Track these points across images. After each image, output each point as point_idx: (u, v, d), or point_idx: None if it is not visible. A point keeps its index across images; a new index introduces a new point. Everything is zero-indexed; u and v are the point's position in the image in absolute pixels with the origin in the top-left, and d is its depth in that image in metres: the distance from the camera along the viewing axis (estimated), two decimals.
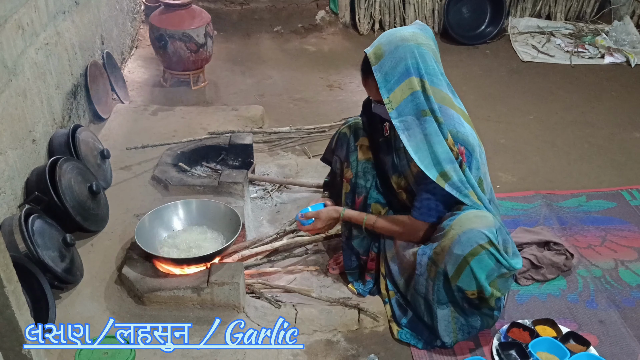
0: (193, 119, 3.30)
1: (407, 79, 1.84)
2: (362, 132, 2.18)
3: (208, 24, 3.85)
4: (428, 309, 2.03)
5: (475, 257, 1.84)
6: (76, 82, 3.04)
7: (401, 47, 1.85)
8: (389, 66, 1.85)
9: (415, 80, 1.85)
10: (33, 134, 2.46)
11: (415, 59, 1.84)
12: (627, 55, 4.42)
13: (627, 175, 3.11)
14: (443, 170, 1.86)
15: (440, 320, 2.01)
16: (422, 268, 1.99)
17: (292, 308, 2.20)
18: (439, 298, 1.97)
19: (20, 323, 1.47)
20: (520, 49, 4.58)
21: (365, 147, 2.17)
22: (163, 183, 2.66)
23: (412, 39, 1.86)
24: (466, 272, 1.87)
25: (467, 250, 1.84)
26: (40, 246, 2.04)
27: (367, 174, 2.17)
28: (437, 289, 1.96)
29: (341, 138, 2.21)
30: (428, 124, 1.85)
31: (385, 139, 2.12)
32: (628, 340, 2.12)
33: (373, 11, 4.81)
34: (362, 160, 2.17)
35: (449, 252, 1.88)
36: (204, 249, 2.22)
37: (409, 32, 1.89)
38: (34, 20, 2.53)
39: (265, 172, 3.02)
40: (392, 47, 1.85)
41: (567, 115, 3.73)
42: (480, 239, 1.84)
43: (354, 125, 2.19)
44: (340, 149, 2.22)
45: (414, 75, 1.84)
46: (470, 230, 1.84)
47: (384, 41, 1.88)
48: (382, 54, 1.86)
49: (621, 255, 2.53)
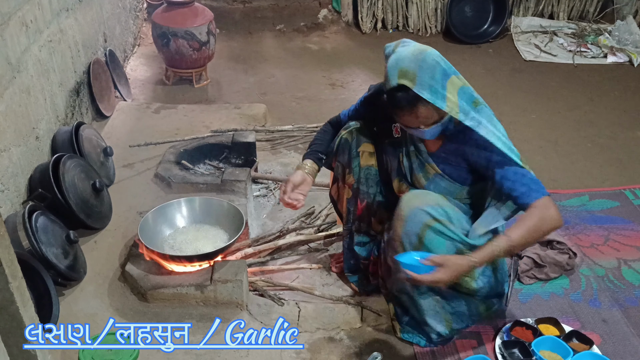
0: (196, 117, 3.30)
1: (448, 79, 1.78)
2: (364, 138, 2.13)
3: (211, 22, 3.85)
4: (413, 303, 2.02)
5: (425, 236, 1.84)
6: (79, 79, 3.04)
7: (427, 57, 1.77)
8: (428, 77, 1.75)
9: (455, 79, 1.80)
10: (36, 131, 2.47)
11: (443, 60, 1.80)
12: (630, 54, 4.41)
13: (630, 175, 3.11)
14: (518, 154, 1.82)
15: (427, 311, 2.00)
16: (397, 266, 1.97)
17: (294, 306, 2.20)
18: (417, 288, 1.97)
19: (25, 319, 1.47)
20: (522, 48, 4.58)
21: (367, 154, 2.13)
22: (166, 181, 2.66)
23: (425, 48, 1.82)
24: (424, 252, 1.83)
25: (417, 231, 1.84)
26: (44, 243, 2.05)
27: (369, 180, 2.15)
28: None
29: (342, 144, 2.14)
30: (484, 111, 1.84)
31: (394, 141, 2.06)
32: (631, 339, 2.12)
33: (376, 10, 4.81)
34: (365, 166, 2.13)
35: (401, 240, 1.88)
36: (207, 247, 2.22)
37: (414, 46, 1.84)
38: (38, 17, 2.53)
39: (268, 171, 3.02)
40: (419, 62, 1.76)
41: (569, 115, 3.72)
42: (424, 217, 1.83)
43: (355, 131, 2.13)
44: (341, 155, 2.15)
45: (451, 74, 1.80)
46: (412, 211, 1.84)
47: (404, 64, 1.77)
48: (414, 74, 1.75)
49: (624, 254, 2.53)
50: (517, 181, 1.79)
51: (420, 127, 1.83)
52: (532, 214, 1.76)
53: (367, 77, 4.17)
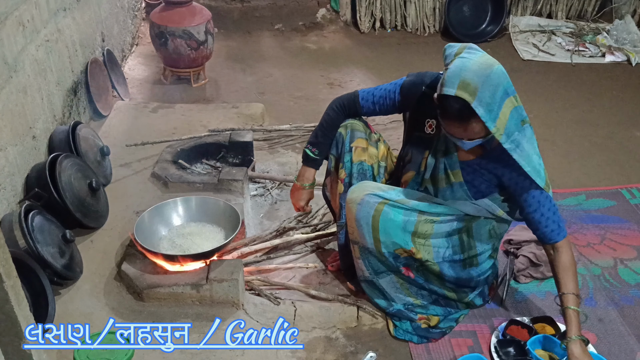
0: (193, 117, 3.30)
1: (507, 99, 1.78)
2: (358, 134, 2.14)
3: (209, 22, 3.85)
4: (373, 287, 2.12)
5: (380, 216, 1.96)
6: (76, 79, 3.04)
7: (493, 74, 1.75)
8: (489, 95, 1.73)
9: (513, 99, 1.80)
10: (33, 131, 2.47)
11: (506, 79, 1.79)
12: (628, 54, 4.42)
13: (627, 174, 3.11)
14: (544, 173, 1.88)
15: (387, 287, 2.10)
16: (353, 253, 2.09)
17: (291, 305, 2.20)
18: (374, 270, 2.07)
19: (20, 318, 1.47)
20: (521, 48, 4.58)
21: (360, 149, 2.13)
22: (163, 180, 2.67)
23: (493, 62, 1.80)
24: (382, 234, 1.97)
25: (371, 214, 1.96)
26: (40, 242, 2.05)
27: (361, 175, 2.15)
28: (367, 263, 2.06)
29: (337, 137, 2.17)
30: (527, 131, 1.84)
31: (424, 136, 2.04)
32: (627, 339, 2.12)
33: (374, 9, 4.81)
34: (357, 162, 2.14)
35: (357, 226, 2.00)
36: (203, 246, 2.23)
37: (483, 58, 1.80)
38: (35, 17, 2.53)
39: (265, 170, 3.02)
40: (484, 78, 1.73)
41: (567, 114, 3.73)
42: (374, 200, 1.97)
43: (350, 126, 2.14)
44: (335, 147, 2.18)
45: (510, 95, 1.79)
46: (362, 199, 1.98)
47: (467, 76, 1.73)
48: (475, 89, 1.72)
49: (620, 253, 2.53)
50: (550, 218, 1.91)
51: (463, 139, 1.83)
52: (569, 259, 1.94)
53: (366, 77, 4.18)
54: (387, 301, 2.12)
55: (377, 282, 2.09)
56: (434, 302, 2.12)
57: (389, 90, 2.09)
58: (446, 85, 1.75)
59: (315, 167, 2.24)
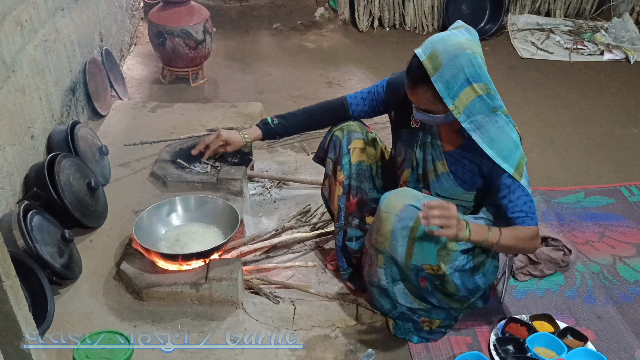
0: (192, 116, 3.30)
1: (468, 86, 1.80)
2: (355, 135, 2.14)
3: (207, 21, 3.85)
4: (385, 293, 2.02)
5: (419, 230, 1.85)
6: (75, 78, 3.04)
7: (461, 56, 1.78)
8: (450, 74, 1.78)
9: (477, 87, 1.81)
10: (32, 130, 2.47)
11: (474, 67, 1.80)
12: (626, 52, 4.42)
13: (626, 172, 3.12)
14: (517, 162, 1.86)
15: (398, 294, 2.01)
16: (370, 258, 2.00)
17: (290, 304, 2.20)
18: (393, 278, 1.98)
19: (19, 318, 1.47)
20: (519, 46, 4.58)
21: (358, 150, 2.14)
22: (162, 179, 2.66)
23: (468, 47, 1.81)
24: (416, 248, 1.87)
25: (409, 227, 1.85)
26: (39, 242, 2.05)
27: (361, 175, 2.15)
28: (388, 272, 1.97)
29: (334, 140, 2.17)
30: (499, 118, 1.85)
31: (410, 131, 2.06)
32: (625, 336, 2.12)
33: (372, 8, 4.81)
34: (356, 162, 2.14)
35: (393, 235, 1.87)
36: (202, 245, 2.23)
37: (464, 38, 1.83)
38: (33, 16, 2.53)
39: (264, 169, 3.02)
40: (450, 56, 1.78)
41: (565, 112, 3.73)
42: (413, 212, 1.85)
43: (346, 128, 2.15)
44: (332, 151, 2.18)
45: (474, 82, 1.80)
46: (402, 211, 1.85)
47: (440, 48, 1.79)
48: (439, 64, 1.78)
49: (619, 251, 2.53)
50: (517, 205, 1.87)
51: (416, 105, 1.90)
52: (526, 232, 1.87)
53: (364, 76, 4.18)
54: (392, 305, 2.06)
55: (391, 290, 2.01)
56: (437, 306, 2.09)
57: (377, 86, 2.18)
58: (422, 47, 1.83)
59: (264, 132, 2.25)
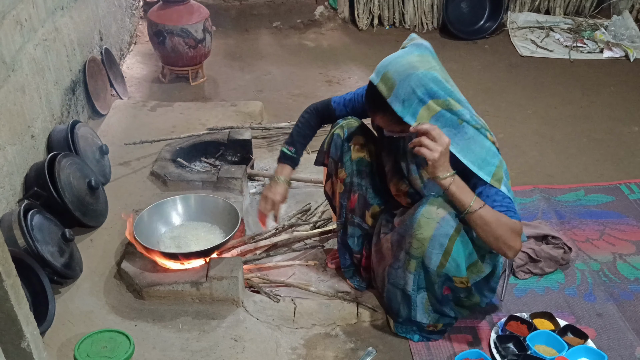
0: (192, 115, 3.30)
1: (425, 105, 1.79)
2: (354, 131, 2.14)
3: (206, 20, 3.85)
4: (406, 299, 2.00)
5: (455, 241, 1.84)
6: (75, 78, 3.04)
7: (413, 76, 1.77)
8: (404, 94, 1.78)
9: (434, 104, 1.79)
10: (32, 130, 2.47)
11: (430, 85, 1.77)
12: (626, 49, 4.42)
13: (626, 169, 3.11)
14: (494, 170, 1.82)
15: (419, 305, 2.00)
16: (399, 262, 1.97)
17: (290, 302, 2.20)
18: (419, 286, 1.96)
19: (19, 317, 1.47)
20: (519, 44, 4.58)
21: (358, 146, 2.14)
22: (162, 178, 2.67)
23: (421, 65, 1.79)
24: (451, 258, 1.86)
25: (449, 235, 1.84)
26: (40, 241, 2.05)
27: (361, 172, 2.16)
28: (417, 279, 1.95)
29: (335, 139, 2.16)
30: (467, 129, 1.82)
31: (391, 140, 2.05)
32: (626, 333, 2.13)
33: (372, 6, 4.81)
34: (356, 159, 2.14)
35: (431, 243, 1.85)
36: (202, 244, 2.23)
37: (414, 56, 1.82)
38: (32, 16, 2.53)
39: (264, 168, 3.02)
40: (403, 76, 1.77)
41: (565, 110, 3.73)
42: (455, 223, 1.84)
43: (346, 125, 2.15)
44: (334, 150, 2.17)
45: (430, 100, 1.79)
46: (443, 218, 1.83)
47: (391, 70, 1.79)
48: (393, 84, 1.78)
49: (619, 248, 2.53)
50: (497, 200, 1.81)
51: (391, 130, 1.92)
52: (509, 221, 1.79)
53: (364, 74, 4.17)
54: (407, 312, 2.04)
55: (414, 298, 1.99)
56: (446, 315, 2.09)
57: (357, 94, 2.20)
58: (374, 72, 1.85)
59: (291, 164, 2.24)
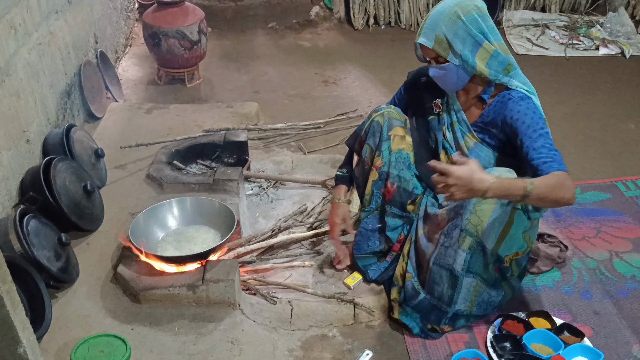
0: (188, 117, 3.30)
1: (479, 49, 1.93)
2: (396, 122, 2.15)
3: (202, 21, 3.84)
4: (452, 280, 1.97)
5: (514, 222, 1.91)
6: (70, 81, 3.04)
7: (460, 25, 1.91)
8: (461, 46, 1.93)
9: (487, 45, 1.94)
10: (27, 134, 2.47)
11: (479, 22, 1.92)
12: (622, 46, 4.42)
13: (622, 167, 3.12)
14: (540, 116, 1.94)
15: (463, 289, 1.99)
16: (451, 240, 1.95)
17: (287, 304, 2.20)
18: (469, 267, 1.95)
19: (15, 322, 1.47)
20: (514, 42, 4.58)
21: (399, 137, 2.14)
22: (158, 181, 2.67)
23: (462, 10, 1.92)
24: (508, 238, 1.93)
25: (507, 215, 1.89)
26: (36, 246, 2.05)
27: (400, 163, 2.14)
28: (471, 259, 1.94)
29: (374, 126, 2.15)
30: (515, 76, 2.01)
31: (437, 116, 2.14)
32: (622, 331, 2.13)
33: (367, 6, 4.81)
34: (396, 150, 2.14)
35: (491, 218, 1.88)
36: (199, 247, 2.23)
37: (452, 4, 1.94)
38: (26, 20, 2.53)
39: (260, 169, 3.02)
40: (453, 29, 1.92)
41: (561, 107, 3.73)
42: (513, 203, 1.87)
43: (387, 114, 2.15)
44: (372, 137, 2.16)
45: (482, 42, 1.93)
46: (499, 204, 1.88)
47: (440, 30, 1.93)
48: (448, 43, 1.93)
49: (615, 246, 2.54)
50: (543, 153, 1.83)
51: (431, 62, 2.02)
52: (554, 176, 1.77)
53: (360, 74, 4.18)
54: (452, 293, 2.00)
55: (461, 279, 1.97)
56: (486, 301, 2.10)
57: (399, 93, 2.29)
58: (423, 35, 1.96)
59: (345, 184, 2.32)
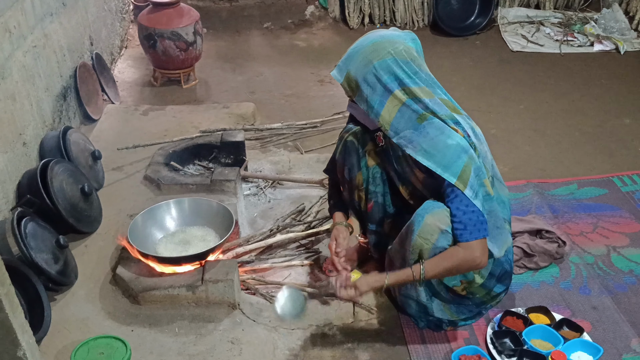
0: (184, 118, 3.30)
1: (389, 96, 1.82)
2: (366, 137, 2.12)
3: (197, 22, 3.84)
4: (421, 307, 2.05)
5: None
6: (66, 83, 3.03)
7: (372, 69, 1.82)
8: (370, 92, 1.84)
9: (398, 94, 1.82)
10: (23, 137, 2.46)
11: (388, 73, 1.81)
12: (616, 42, 4.43)
13: (618, 162, 3.13)
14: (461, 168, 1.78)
15: (436, 311, 2.04)
16: None
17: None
18: (433, 294, 2.02)
19: (15, 325, 1.47)
20: (509, 39, 4.59)
21: (373, 152, 2.12)
22: (155, 182, 2.66)
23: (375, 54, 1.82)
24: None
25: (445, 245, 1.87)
26: (34, 249, 2.05)
27: (376, 179, 2.13)
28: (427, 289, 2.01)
29: (349, 146, 2.13)
30: (429, 126, 1.81)
31: (382, 149, 2.08)
32: (621, 325, 2.14)
33: (363, 5, 4.81)
34: (371, 166, 2.12)
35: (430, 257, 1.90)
36: (197, 247, 2.23)
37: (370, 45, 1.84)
38: (21, 23, 2.52)
39: (257, 169, 3.02)
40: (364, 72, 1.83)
41: (557, 104, 3.74)
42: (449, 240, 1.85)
43: (358, 132, 2.13)
44: (349, 157, 2.14)
45: (394, 89, 1.82)
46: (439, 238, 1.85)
47: (353, 69, 1.85)
48: (357, 85, 1.86)
49: (613, 241, 2.55)
50: (457, 216, 1.82)
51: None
52: (454, 256, 1.85)
53: None
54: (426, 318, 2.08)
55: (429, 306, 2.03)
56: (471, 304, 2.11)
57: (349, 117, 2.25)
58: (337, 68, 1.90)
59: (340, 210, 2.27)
